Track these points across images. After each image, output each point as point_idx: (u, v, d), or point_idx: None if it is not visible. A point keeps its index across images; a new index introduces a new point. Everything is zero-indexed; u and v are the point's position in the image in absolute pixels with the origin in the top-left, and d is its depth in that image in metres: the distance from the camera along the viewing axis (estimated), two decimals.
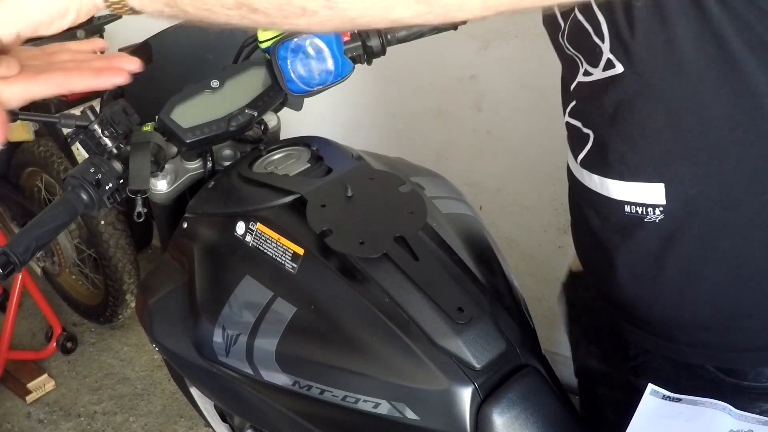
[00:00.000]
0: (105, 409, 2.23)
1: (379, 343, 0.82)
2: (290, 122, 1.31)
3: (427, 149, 2.02)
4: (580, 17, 0.71)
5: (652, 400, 0.77)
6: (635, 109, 0.71)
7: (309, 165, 1.04)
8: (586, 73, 0.75)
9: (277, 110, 1.21)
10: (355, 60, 1.07)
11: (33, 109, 2.52)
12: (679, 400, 0.76)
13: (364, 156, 1.07)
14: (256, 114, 1.07)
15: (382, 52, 1.09)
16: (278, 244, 0.92)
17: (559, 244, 1.91)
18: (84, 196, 0.88)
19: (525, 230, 1.95)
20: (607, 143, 0.76)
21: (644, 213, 0.74)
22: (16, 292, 2.27)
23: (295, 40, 1.02)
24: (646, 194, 0.73)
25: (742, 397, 0.78)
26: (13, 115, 0.97)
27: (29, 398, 2.26)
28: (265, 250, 0.93)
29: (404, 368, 0.80)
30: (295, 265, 0.90)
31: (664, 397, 0.77)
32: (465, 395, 0.78)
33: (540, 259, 1.96)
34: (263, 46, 1.07)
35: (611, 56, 0.69)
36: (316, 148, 1.07)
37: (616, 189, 0.76)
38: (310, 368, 0.86)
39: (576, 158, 0.83)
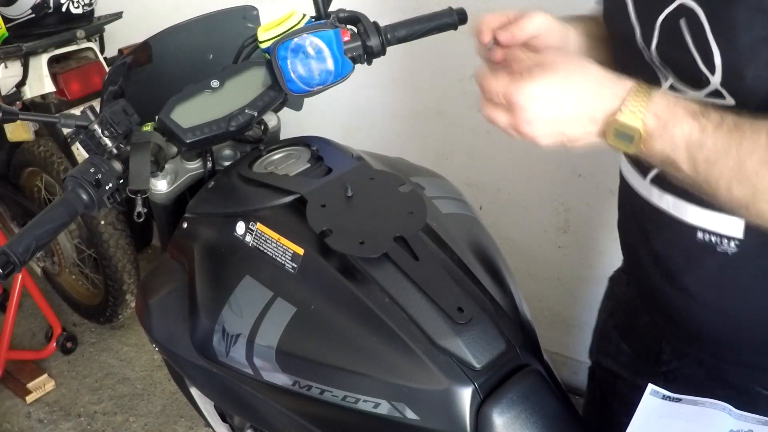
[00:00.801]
0: (105, 409, 2.23)
1: (379, 343, 0.82)
2: (290, 122, 1.31)
3: (427, 149, 2.02)
4: (688, 40, 0.67)
5: (652, 400, 0.77)
6: None
7: (309, 165, 1.04)
8: (676, 90, 0.71)
9: (277, 110, 1.21)
10: (355, 60, 1.07)
11: (33, 109, 2.52)
12: (679, 400, 0.76)
13: (364, 156, 1.07)
14: (256, 114, 1.07)
15: (382, 52, 1.09)
16: (278, 244, 0.92)
17: (559, 244, 1.91)
18: (84, 196, 0.88)
19: (525, 230, 1.95)
20: None
21: (718, 242, 0.73)
22: (16, 292, 2.27)
23: (295, 40, 1.02)
24: (724, 225, 0.72)
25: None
26: (13, 115, 0.97)
27: (29, 398, 2.26)
28: (265, 250, 0.93)
29: (404, 368, 0.80)
30: (295, 265, 0.90)
31: (664, 397, 0.77)
32: (465, 395, 0.78)
33: (540, 259, 1.96)
34: (263, 46, 1.07)
35: (721, 89, 0.66)
36: (316, 148, 1.07)
37: (693, 214, 0.74)
38: (310, 368, 0.86)
39: (645, 175, 0.80)
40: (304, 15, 1.09)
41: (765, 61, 0.62)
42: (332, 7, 1.12)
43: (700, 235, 0.74)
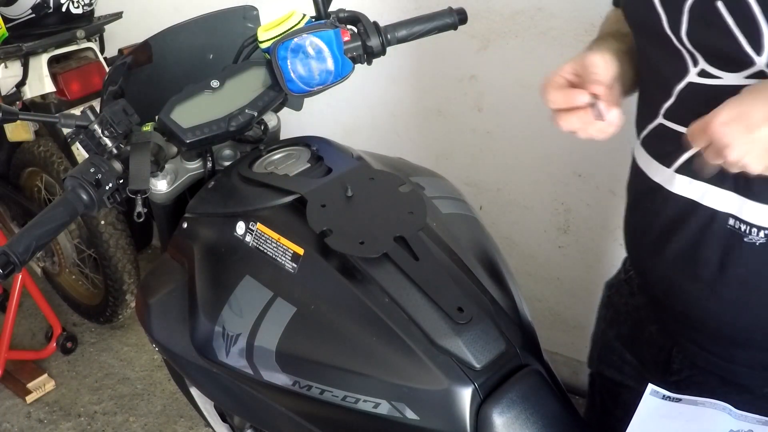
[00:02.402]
0: (105, 409, 2.23)
1: (379, 343, 0.82)
2: (290, 122, 1.31)
3: (427, 149, 2.02)
4: (729, 22, 0.65)
5: (652, 400, 0.77)
6: None
7: (309, 165, 1.04)
8: (707, 75, 0.70)
9: (277, 110, 1.21)
10: (355, 60, 1.07)
11: (33, 109, 2.51)
12: (679, 400, 0.76)
13: (364, 156, 1.07)
14: (256, 114, 1.07)
15: (382, 52, 1.09)
16: (278, 244, 0.92)
17: (559, 244, 1.91)
18: (84, 196, 0.88)
19: (525, 230, 1.95)
20: None
21: (747, 231, 0.72)
22: (16, 292, 2.27)
23: (295, 40, 1.02)
24: (755, 214, 0.71)
25: None
26: (13, 115, 0.97)
27: (29, 398, 2.26)
28: (265, 250, 0.93)
29: (404, 368, 0.80)
30: (295, 265, 0.90)
31: (664, 397, 0.77)
32: (465, 395, 0.78)
33: (540, 259, 1.96)
34: (263, 46, 1.07)
35: (767, 69, 0.64)
36: (316, 148, 1.07)
37: (724, 200, 0.72)
38: (310, 368, 0.86)
39: (669, 165, 0.78)
40: (304, 15, 1.09)
41: None
42: (332, 7, 1.12)
43: (731, 222, 0.73)
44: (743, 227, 0.72)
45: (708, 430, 0.73)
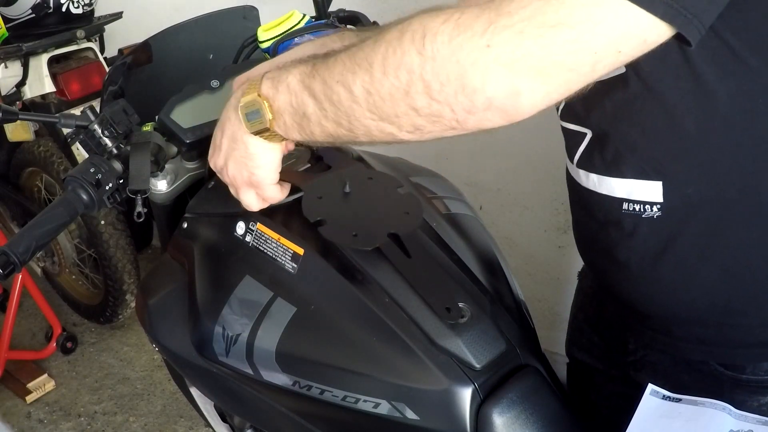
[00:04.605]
0: (105, 409, 2.23)
1: (380, 343, 0.82)
2: None
3: (427, 149, 2.02)
4: None
5: (652, 400, 0.77)
6: (635, 109, 0.71)
7: (309, 165, 1.04)
8: None
9: None
10: None
11: (33, 109, 2.52)
12: (679, 400, 0.76)
13: (364, 156, 1.07)
14: None
15: None
16: (278, 244, 0.92)
17: (559, 244, 1.91)
18: (84, 196, 0.88)
19: (525, 230, 1.95)
20: (604, 142, 0.76)
21: (642, 210, 0.75)
22: (16, 292, 2.27)
23: (296, 40, 1.02)
24: (644, 192, 0.74)
25: (741, 391, 0.79)
26: (13, 115, 0.97)
27: (29, 398, 2.27)
28: (265, 250, 0.93)
29: (404, 368, 0.80)
30: (295, 265, 0.90)
31: (664, 397, 0.77)
32: (465, 395, 0.78)
33: (540, 259, 1.96)
34: (263, 46, 1.07)
35: None
36: (317, 148, 1.07)
37: (614, 186, 0.76)
38: (310, 368, 0.86)
39: (572, 159, 0.83)
40: (304, 15, 1.09)
41: None
42: (332, 7, 1.12)
43: (625, 206, 0.76)
44: (637, 207, 0.75)
45: (708, 430, 0.73)
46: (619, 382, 0.93)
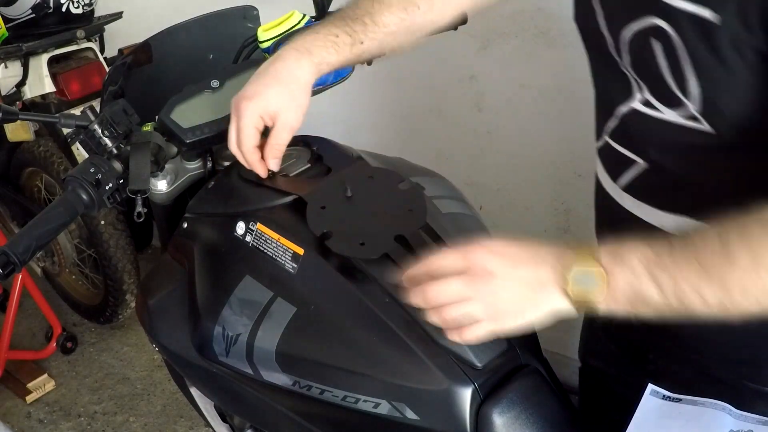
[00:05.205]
0: (105, 409, 2.23)
1: (379, 343, 0.82)
2: None
3: (427, 149, 2.02)
4: (662, 63, 0.67)
5: (652, 400, 0.77)
6: (708, 159, 0.69)
7: (309, 165, 1.04)
8: (649, 105, 0.71)
9: None
10: None
11: (33, 109, 2.51)
12: (679, 400, 0.76)
13: (363, 156, 1.07)
14: None
15: None
16: (278, 244, 0.92)
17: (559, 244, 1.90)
18: (84, 196, 0.88)
19: (525, 230, 1.95)
20: (666, 180, 0.74)
21: None
22: (16, 292, 2.27)
23: None
24: (694, 229, 0.72)
25: (763, 402, 0.79)
26: (13, 115, 0.97)
27: (29, 398, 2.27)
28: (265, 250, 0.93)
29: (404, 368, 0.80)
30: (295, 265, 0.90)
31: (664, 397, 0.77)
32: (465, 395, 0.78)
33: None
34: (263, 46, 1.07)
35: (699, 116, 0.66)
36: (317, 147, 1.07)
37: (664, 220, 0.75)
38: (310, 368, 0.86)
39: (615, 180, 0.81)
40: (304, 15, 1.09)
41: (744, 99, 0.62)
42: (332, 7, 1.12)
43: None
44: None
45: (708, 431, 0.73)
46: (631, 389, 0.92)
